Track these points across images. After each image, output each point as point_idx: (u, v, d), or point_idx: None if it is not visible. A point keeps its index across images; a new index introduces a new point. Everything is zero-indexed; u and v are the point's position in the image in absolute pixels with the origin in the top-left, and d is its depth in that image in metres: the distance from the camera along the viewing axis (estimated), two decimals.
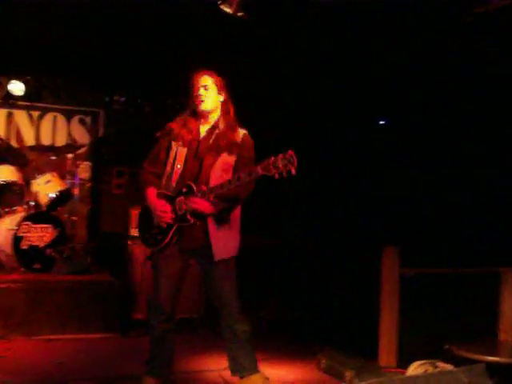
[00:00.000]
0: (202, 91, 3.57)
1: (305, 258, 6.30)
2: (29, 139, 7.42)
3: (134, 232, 5.68)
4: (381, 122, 6.98)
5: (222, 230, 3.54)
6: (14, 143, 7.31)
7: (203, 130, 3.64)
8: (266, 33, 5.57)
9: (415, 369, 3.75)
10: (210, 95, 3.59)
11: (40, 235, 5.95)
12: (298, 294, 6.28)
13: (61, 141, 7.48)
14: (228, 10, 4.56)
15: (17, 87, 7.09)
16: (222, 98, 3.64)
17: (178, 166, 3.57)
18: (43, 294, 5.35)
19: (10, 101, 7.14)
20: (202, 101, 3.58)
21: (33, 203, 6.27)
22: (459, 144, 5.96)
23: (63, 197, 6.43)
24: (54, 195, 6.28)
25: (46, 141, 7.39)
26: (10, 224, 5.93)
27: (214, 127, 3.61)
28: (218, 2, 4.58)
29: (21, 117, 7.42)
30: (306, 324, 5.95)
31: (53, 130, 7.56)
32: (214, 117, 3.64)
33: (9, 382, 3.98)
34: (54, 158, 6.76)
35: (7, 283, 5.28)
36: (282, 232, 6.65)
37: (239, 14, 4.54)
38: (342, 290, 5.83)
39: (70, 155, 6.76)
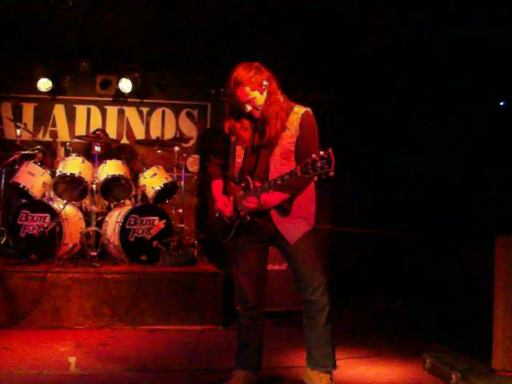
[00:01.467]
0: (249, 107, 3.43)
1: (411, 248, 5.96)
2: (138, 134, 7.66)
3: None
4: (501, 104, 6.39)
5: (287, 217, 3.47)
6: (124, 138, 7.57)
7: (256, 122, 3.50)
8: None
9: None
10: (258, 102, 3.42)
11: (146, 227, 6.06)
12: (407, 287, 5.94)
13: (169, 134, 7.63)
14: None
15: (126, 85, 7.33)
16: (266, 93, 3.44)
17: (239, 160, 3.52)
18: (148, 285, 5.43)
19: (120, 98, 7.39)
20: (254, 112, 3.45)
21: (140, 196, 6.43)
22: None
23: (169, 190, 6.52)
24: (159, 188, 6.38)
25: (154, 135, 7.53)
26: (117, 217, 6.09)
27: (265, 119, 3.44)
28: None
29: (131, 113, 7.69)
30: (412, 318, 5.62)
31: (161, 124, 7.75)
32: (264, 109, 3.47)
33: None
34: (160, 151, 6.83)
35: (113, 274, 5.42)
36: (386, 221, 6.34)
37: None
38: (452, 282, 5.42)
39: (176, 148, 6.84)
